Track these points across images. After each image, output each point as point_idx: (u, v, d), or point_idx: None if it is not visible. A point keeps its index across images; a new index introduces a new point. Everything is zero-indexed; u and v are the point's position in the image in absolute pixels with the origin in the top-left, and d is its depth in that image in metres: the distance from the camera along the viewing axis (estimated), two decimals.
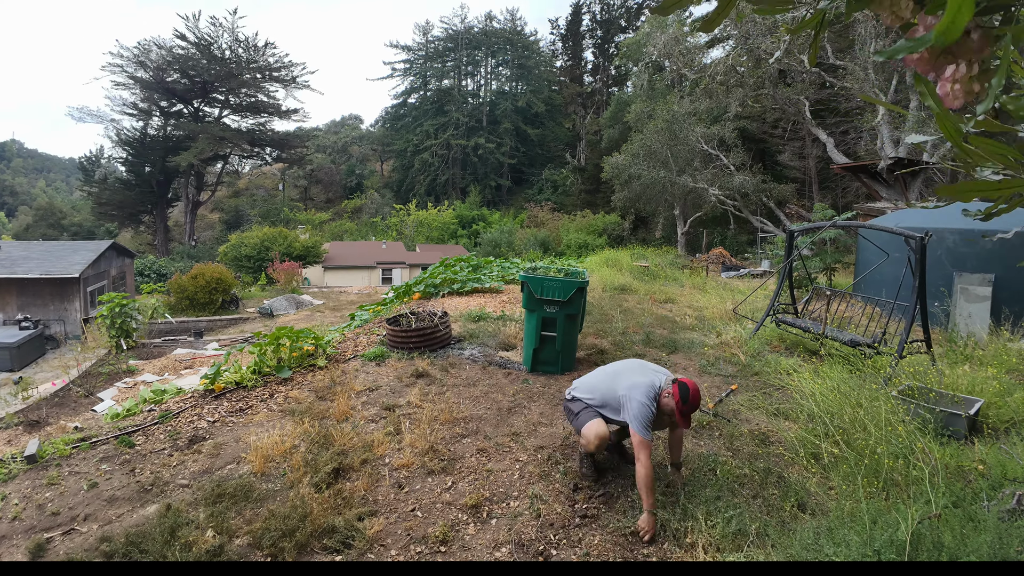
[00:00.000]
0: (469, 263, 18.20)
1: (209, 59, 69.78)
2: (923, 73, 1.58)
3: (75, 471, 5.81)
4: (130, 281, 35.87)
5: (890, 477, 4.96)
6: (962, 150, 1.64)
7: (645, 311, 13.71)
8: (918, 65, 1.55)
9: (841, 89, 31.15)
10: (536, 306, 8.45)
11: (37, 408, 13.39)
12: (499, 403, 7.46)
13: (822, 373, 7.41)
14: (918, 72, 1.58)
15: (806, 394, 6.73)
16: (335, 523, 4.72)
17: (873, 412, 5.81)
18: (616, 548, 4.50)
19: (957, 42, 1.45)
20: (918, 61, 1.54)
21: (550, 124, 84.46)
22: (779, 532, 4.43)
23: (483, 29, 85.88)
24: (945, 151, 19.88)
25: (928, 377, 7.45)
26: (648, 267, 23.66)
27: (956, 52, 1.49)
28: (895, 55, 1.51)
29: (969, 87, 1.48)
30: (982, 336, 10.69)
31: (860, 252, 16.32)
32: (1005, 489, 4.62)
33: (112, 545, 4.47)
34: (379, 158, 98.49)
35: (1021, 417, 6.46)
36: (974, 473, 5.30)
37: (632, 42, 58.00)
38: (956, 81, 1.49)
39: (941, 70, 1.52)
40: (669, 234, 50.15)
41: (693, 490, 5.07)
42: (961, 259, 12.22)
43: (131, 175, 73.45)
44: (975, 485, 4.95)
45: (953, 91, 1.50)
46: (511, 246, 53.35)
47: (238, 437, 6.53)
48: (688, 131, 38.93)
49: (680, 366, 9.32)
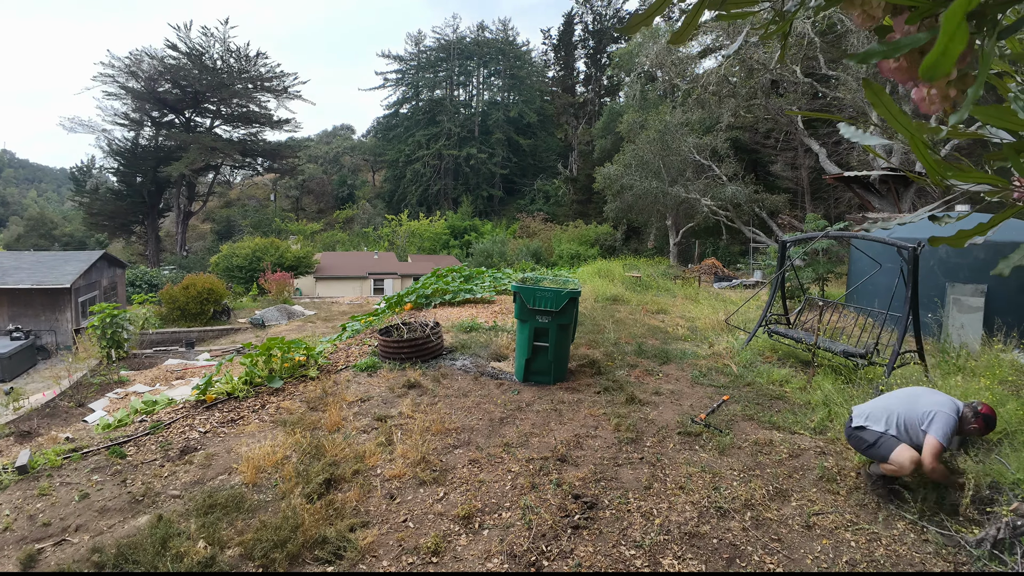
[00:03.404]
0: (461, 273, 18.19)
1: (201, 69, 69.83)
2: (902, 83, 1.54)
3: (66, 482, 5.79)
4: (121, 291, 35.75)
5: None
6: (929, 163, 1.62)
7: (637, 321, 13.72)
8: (895, 74, 1.49)
9: (834, 99, 31.29)
10: (528, 316, 8.45)
11: (28, 419, 13.33)
12: (491, 414, 7.45)
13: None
14: (894, 80, 1.54)
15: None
16: (327, 534, 4.70)
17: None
18: (607, 559, 4.49)
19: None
20: (895, 70, 1.49)
21: (542, 134, 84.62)
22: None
23: (475, 39, 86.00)
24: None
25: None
26: (640, 277, 23.67)
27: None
28: (868, 59, 1.44)
29: (946, 92, 1.45)
30: (975, 347, 10.70)
31: (852, 263, 16.36)
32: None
33: (103, 556, 4.45)
34: (371, 168, 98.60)
35: (1014, 428, 6.47)
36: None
37: (624, 52, 58.22)
38: (933, 87, 1.47)
39: (919, 77, 1.49)
40: (661, 244, 50.20)
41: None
42: (953, 270, 12.26)
43: (122, 185, 73.25)
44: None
45: (929, 96, 1.47)
46: (503, 256, 53.36)
47: (229, 448, 6.51)
48: (680, 141, 39.03)
49: (672, 377, 9.33)
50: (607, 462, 6.06)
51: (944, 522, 4.89)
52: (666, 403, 7.96)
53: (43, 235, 79.62)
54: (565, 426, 7.05)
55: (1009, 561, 4.25)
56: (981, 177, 1.67)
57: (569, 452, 6.26)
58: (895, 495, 5.38)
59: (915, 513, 5.03)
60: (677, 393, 8.42)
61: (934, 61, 1.24)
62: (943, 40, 1.20)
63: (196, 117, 74.85)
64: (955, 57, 1.22)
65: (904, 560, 4.46)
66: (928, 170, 1.62)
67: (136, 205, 72.19)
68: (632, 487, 5.55)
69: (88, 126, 75.00)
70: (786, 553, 4.54)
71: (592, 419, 7.30)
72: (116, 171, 74.03)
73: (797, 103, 34.91)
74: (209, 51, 70.97)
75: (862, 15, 1.54)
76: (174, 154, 69.24)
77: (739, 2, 1.90)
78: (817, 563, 4.42)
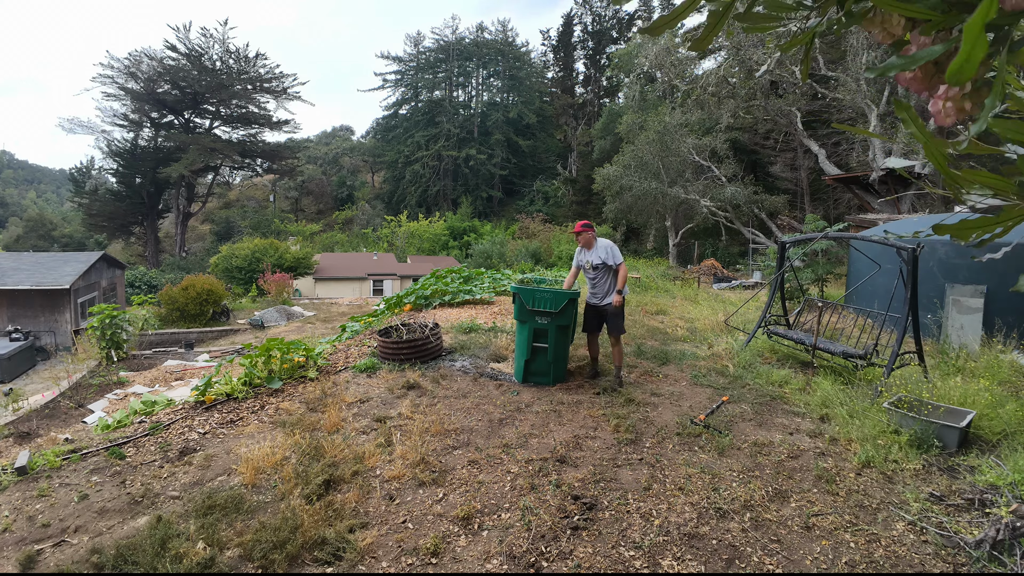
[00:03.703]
0: (460, 274, 18.19)
1: (200, 70, 69.81)
2: (917, 92, 1.56)
3: (65, 483, 5.78)
4: (121, 292, 35.76)
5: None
6: (949, 176, 1.63)
7: (636, 322, 13.72)
8: (911, 84, 1.53)
9: (833, 100, 31.32)
10: (528, 317, 8.45)
11: (27, 420, 13.33)
12: (490, 415, 7.45)
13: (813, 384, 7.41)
14: (910, 90, 1.57)
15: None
16: (326, 535, 4.70)
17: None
18: (606, 560, 4.49)
19: (952, 59, 1.43)
20: (911, 80, 1.52)
21: (541, 135, 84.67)
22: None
23: (474, 40, 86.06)
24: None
25: (919, 387, 7.47)
26: (639, 278, 23.70)
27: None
28: (887, 72, 1.48)
29: (961, 105, 1.47)
30: (974, 347, 10.70)
31: (852, 264, 16.37)
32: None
33: (102, 557, 4.44)
34: (370, 169, 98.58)
35: (1013, 429, 6.47)
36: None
37: (623, 53, 58.29)
38: (948, 99, 1.48)
39: (935, 89, 1.51)
40: (660, 245, 50.22)
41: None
42: (953, 270, 12.25)
43: (122, 186, 73.20)
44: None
45: (945, 109, 1.48)
46: (502, 257, 53.32)
47: (229, 449, 6.50)
48: (680, 142, 39.08)
49: (672, 378, 9.32)
50: (606, 463, 6.05)
51: (943, 523, 4.89)
52: (665, 404, 7.95)
53: (42, 236, 79.59)
54: (564, 427, 7.05)
55: (1008, 562, 4.25)
56: (997, 182, 1.68)
57: (568, 453, 6.26)
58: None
59: (915, 514, 5.03)
60: (676, 394, 8.41)
61: (959, 67, 1.29)
62: (966, 48, 1.25)
63: (195, 118, 74.86)
64: (978, 62, 1.27)
65: (903, 561, 4.46)
66: (947, 183, 1.65)
67: (135, 206, 72.15)
68: (631, 488, 5.54)
69: (87, 127, 75.38)
70: (785, 554, 4.54)
71: (591, 420, 7.29)
72: (115, 172, 74.04)
73: (796, 104, 34.94)
74: (208, 52, 71.03)
75: (883, 32, 1.56)
76: (173, 155, 69.22)
77: (766, 18, 1.92)
78: (816, 564, 4.42)
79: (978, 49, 1.25)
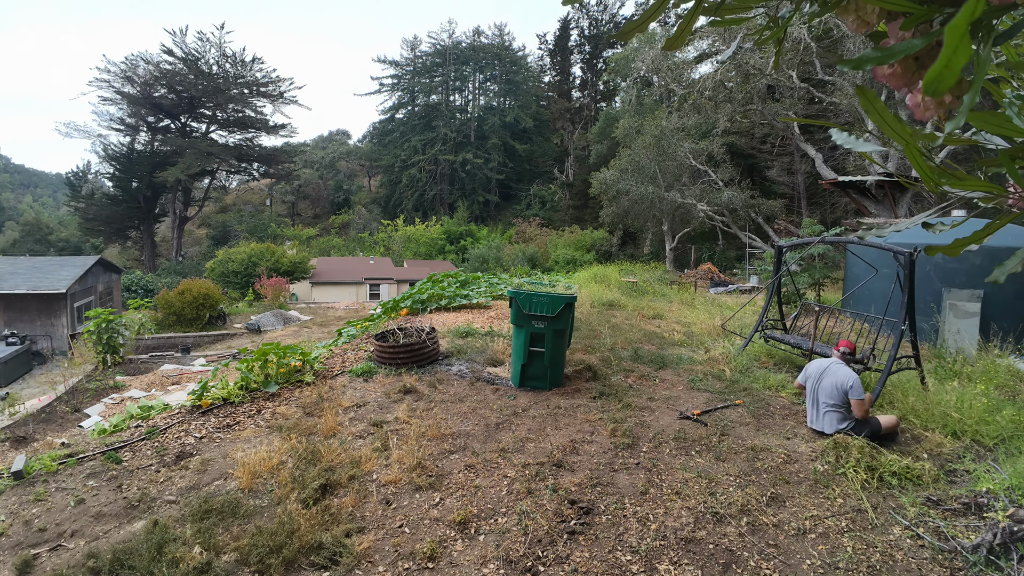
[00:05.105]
0: (457, 279, 18.19)
1: (196, 74, 69.79)
2: (896, 88, 1.52)
3: (62, 487, 5.77)
4: (117, 297, 35.70)
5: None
6: (924, 170, 1.60)
7: (633, 327, 13.73)
8: (890, 80, 1.47)
9: (830, 104, 31.37)
10: (524, 321, 8.44)
11: (24, 424, 13.29)
12: (487, 419, 7.45)
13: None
14: (888, 85, 1.51)
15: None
16: (323, 539, 4.70)
17: None
18: (603, 564, 4.49)
19: (931, 53, 1.40)
20: (890, 76, 1.46)
21: (538, 139, 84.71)
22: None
23: (471, 44, 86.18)
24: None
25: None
26: (636, 283, 23.72)
27: (930, 64, 1.42)
28: (862, 66, 1.40)
29: (940, 99, 1.42)
30: (971, 352, 10.72)
31: (849, 268, 16.40)
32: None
33: (99, 561, 4.43)
34: (367, 173, 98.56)
35: (1010, 433, 6.48)
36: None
37: (620, 57, 58.26)
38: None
39: (915, 85, 1.47)
40: (657, 250, 50.26)
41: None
42: (950, 275, 12.28)
43: (118, 190, 73.09)
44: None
45: (924, 102, 1.45)
46: (499, 262, 53.36)
47: (225, 453, 6.49)
48: (676, 146, 39.12)
49: (668, 382, 9.33)
50: (603, 467, 6.05)
51: (940, 527, 4.90)
52: (662, 408, 7.95)
53: (38, 240, 79.37)
54: (561, 431, 7.05)
55: (1006, 566, 4.25)
56: (976, 184, 1.66)
57: (565, 457, 6.25)
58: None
59: (911, 518, 5.03)
60: (673, 398, 8.41)
61: (937, 75, 1.18)
62: (946, 53, 1.14)
63: (192, 122, 74.82)
64: (958, 71, 1.16)
65: (900, 565, 4.46)
66: (923, 177, 1.60)
67: (132, 210, 72.01)
68: (628, 492, 5.54)
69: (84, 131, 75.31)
70: (782, 558, 4.54)
71: (588, 424, 7.29)
72: (112, 176, 73.87)
73: (793, 108, 35.04)
74: (205, 56, 71.00)
75: (856, 20, 1.53)
76: (170, 159, 69.17)
77: (734, 8, 1.89)
78: (813, 568, 4.42)
79: (960, 53, 1.13)
